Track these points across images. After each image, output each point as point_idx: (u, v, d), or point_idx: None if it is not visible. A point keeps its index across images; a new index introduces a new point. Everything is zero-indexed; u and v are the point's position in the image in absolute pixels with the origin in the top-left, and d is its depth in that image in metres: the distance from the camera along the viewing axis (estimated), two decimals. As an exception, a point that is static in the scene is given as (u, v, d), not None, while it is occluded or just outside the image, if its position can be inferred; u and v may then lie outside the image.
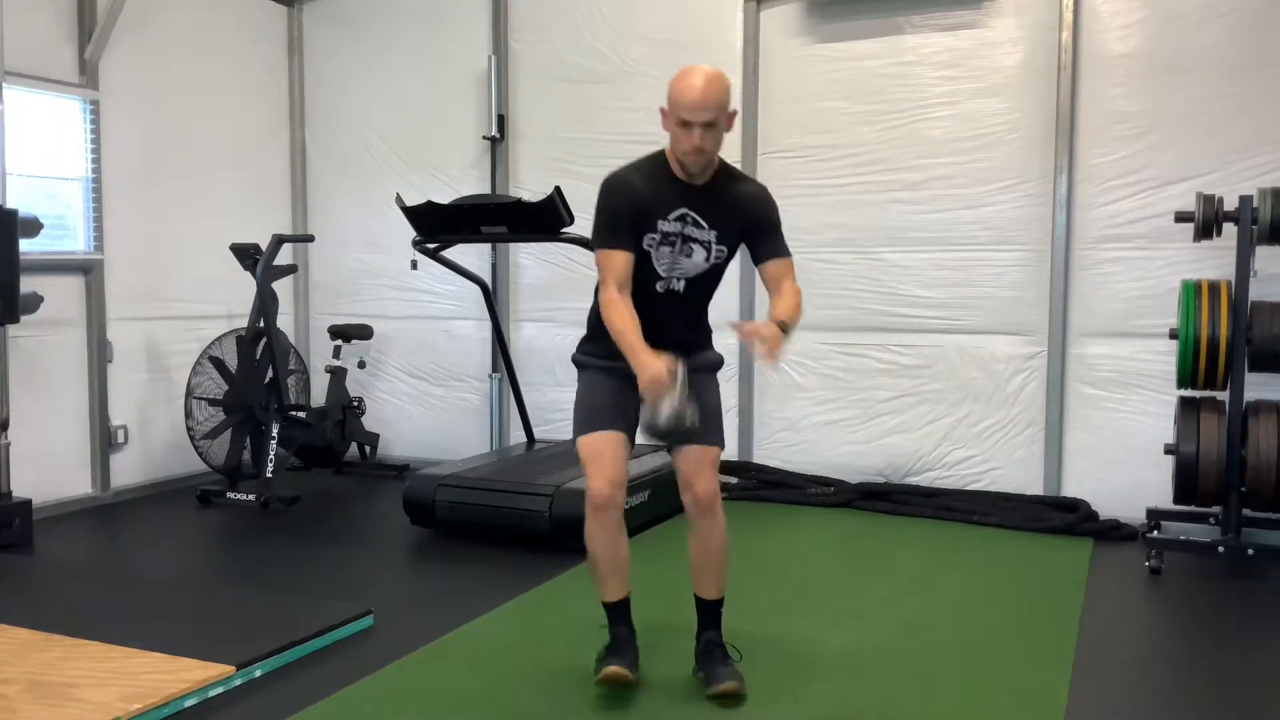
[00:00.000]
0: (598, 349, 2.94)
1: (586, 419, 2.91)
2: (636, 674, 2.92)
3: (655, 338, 2.77)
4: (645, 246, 2.83)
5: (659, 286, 2.88)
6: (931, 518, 4.98)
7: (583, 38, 5.80)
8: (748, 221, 2.90)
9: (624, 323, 2.73)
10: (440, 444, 6.20)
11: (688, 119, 2.72)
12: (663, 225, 2.83)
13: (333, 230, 6.43)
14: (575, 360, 3.04)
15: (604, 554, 2.91)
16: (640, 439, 2.89)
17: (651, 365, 2.61)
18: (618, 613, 2.99)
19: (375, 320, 6.31)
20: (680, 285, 2.90)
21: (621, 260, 2.79)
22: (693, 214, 2.84)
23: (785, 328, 2.72)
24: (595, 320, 2.95)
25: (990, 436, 5.14)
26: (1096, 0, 4.84)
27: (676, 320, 2.93)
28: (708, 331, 3.06)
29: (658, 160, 2.89)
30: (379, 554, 4.53)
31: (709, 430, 2.87)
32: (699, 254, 2.87)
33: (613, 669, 2.85)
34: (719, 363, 3.06)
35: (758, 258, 2.92)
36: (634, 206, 2.81)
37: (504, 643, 3.38)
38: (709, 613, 3.01)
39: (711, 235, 2.87)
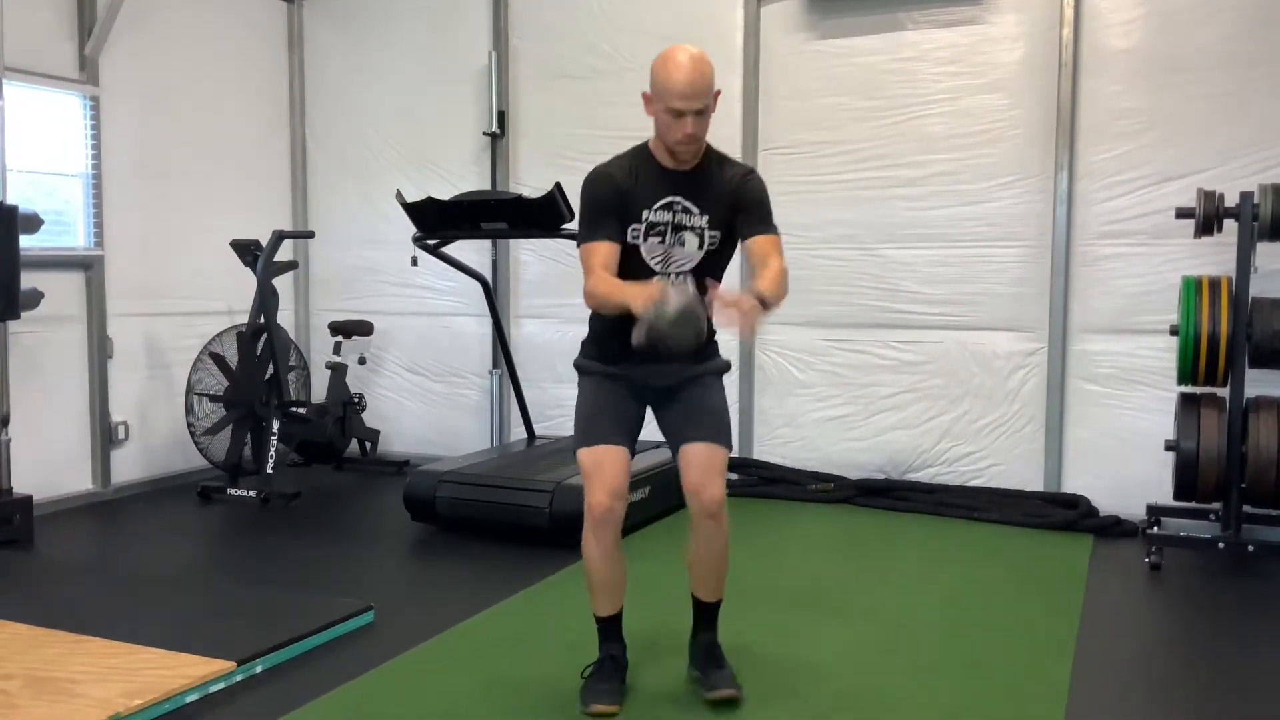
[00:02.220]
0: (600, 352, 2.87)
1: (587, 431, 2.83)
2: (622, 701, 2.85)
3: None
4: (631, 239, 2.74)
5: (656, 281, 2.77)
6: (932, 514, 4.98)
7: (583, 34, 5.80)
8: (735, 200, 2.78)
9: (609, 283, 2.63)
10: (440, 440, 6.20)
11: (680, 108, 2.63)
12: (648, 215, 2.74)
13: (333, 226, 6.43)
14: (577, 365, 2.95)
15: (599, 570, 2.85)
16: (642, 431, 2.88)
17: (645, 288, 2.50)
18: (608, 628, 2.94)
19: (376, 316, 6.31)
20: (681, 280, 2.77)
21: (605, 249, 2.70)
22: (682, 201, 2.75)
23: (765, 301, 2.51)
24: (596, 321, 2.89)
25: (991, 433, 5.14)
26: (1097, -4, 4.84)
27: None
28: (713, 333, 2.91)
29: (640, 151, 2.82)
30: (380, 550, 4.54)
31: (717, 432, 2.82)
32: (691, 241, 2.77)
33: (599, 707, 2.78)
34: (726, 367, 2.97)
35: (744, 234, 2.79)
36: (616, 197, 2.73)
37: (504, 638, 3.38)
38: (707, 614, 2.97)
39: (703, 221, 2.77)
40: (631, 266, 2.75)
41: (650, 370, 2.78)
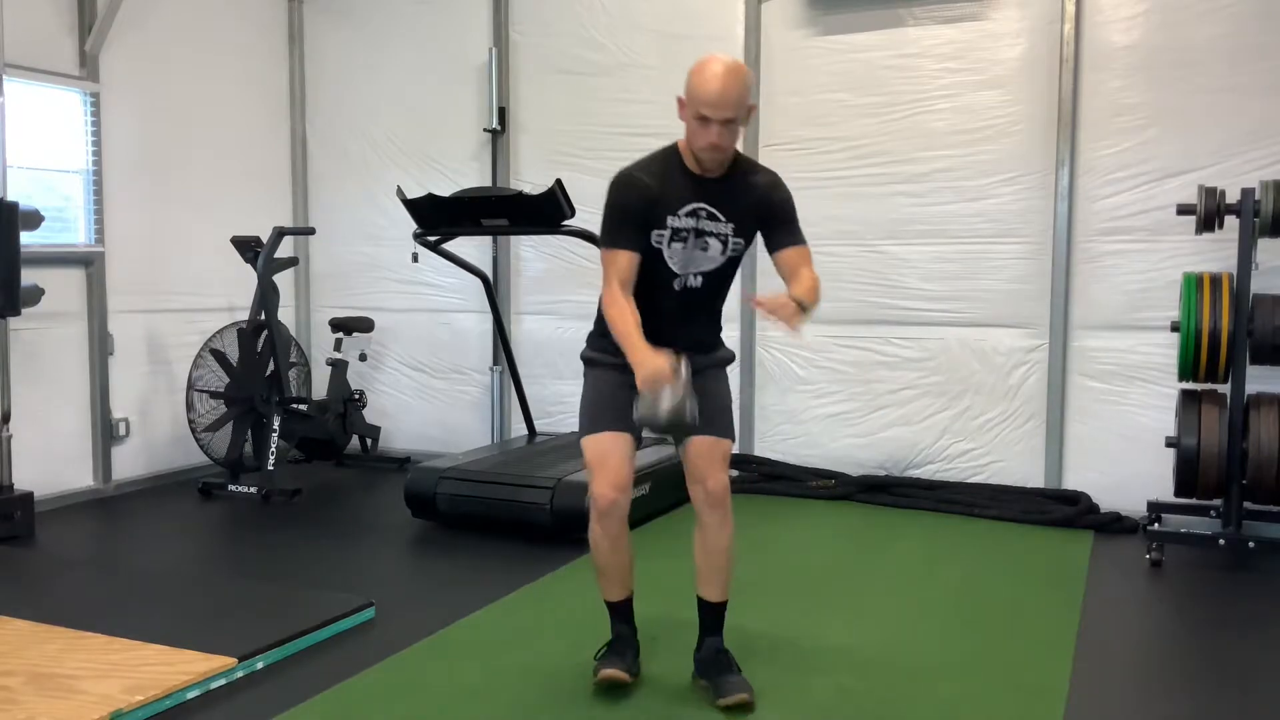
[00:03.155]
0: (608, 344, 2.86)
1: (593, 417, 2.87)
2: (635, 675, 2.93)
3: (672, 335, 2.75)
4: (655, 244, 2.77)
5: (675, 284, 2.82)
6: (932, 510, 4.99)
7: (583, 30, 5.79)
8: (764, 211, 2.83)
9: (624, 320, 2.67)
10: (441, 437, 6.21)
11: (707, 115, 2.64)
12: (673, 221, 2.76)
13: (333, 223, 6.43)
14: (584, 357, 2.98)
15: (607, 558, 2.89)
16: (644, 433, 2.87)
17: (651, 360, 2.56)
18: (619, 612, 2.99)
19: (376, 313, 6.32)
20: (698, 281, 2.83)
21: (625, 260, 2.73)
22: (707, 208, 2.78)
23: (802, 305, 2.65)
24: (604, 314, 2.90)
25: (991, 429, 5.14)
26: (1099, -8, 4.84)
27: (693, 317, 2.90)
28: (720, 328, 3.02)
29: (670, 154, 2.81)
30: (380, 547, 4.54)
31: (720, 424, 2.86)
32: (715, 247, 2.81)
33: (609, 672, 2.86)
34: (730, 359, 3.03)
35: (773, 246, 2.85)
36: (642, 204, 2.74)
37: (505, 635, 3.39)
38: (713, 616, 2.93)
39: (729, 228, 2.80)
40: (654, 268, 2.79)
41: None
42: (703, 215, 2.78)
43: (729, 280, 2.94)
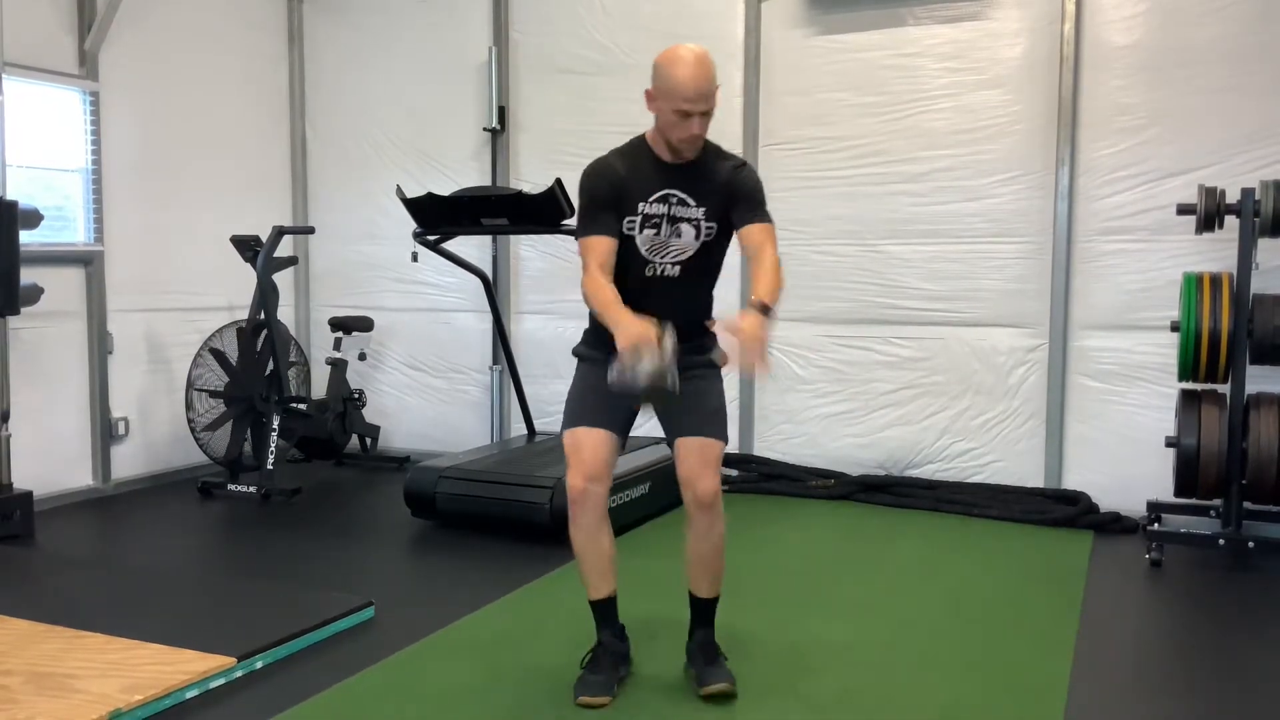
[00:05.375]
0: (598, 341, 2.88)
1: (575, 412, 2.91)
2: (614, 691, 2.87)
3: None
4: (627, 231, 2.80)
5: (647, 271, 2.84)
6: (932, 510, 4.99)
7: (584, 29, 5.79)
8: (730, 190, 2.83)
9: (603, 294, 2.70)
10: (441, 436, 6.21)
11: (688, 109, 2.69)
12: (644, 208, 2.80)
13: (333, 222, 6.42)
14: (575, 352, 3.01)
15: (584, 550, 2.88)
16: (629, 413, 2.87)
17: (632, 325, 2.55)
18: (602, 612, 2.95)
19: (376, 312, 6.31)
20: (675, 270, 2.85)
21: (602, 244, 2.77)
22: (677, 193, 2.81)
23: (767, 309, 2.60)
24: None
25: (991, 429, 5.14)
26: (1099, -8, 4.83)
27: (672, 308, 2.83)
28: (705, 320, 2.96)
29: (638, 144, 2.88)
30: (380, 546, 4.54)
31: (712, 427, 2.85)
32: (688, 233, 2.83)
33: (585, 699, 2.82)
34: (723, 360, 2.98)
35: (738, 223, 2.82)
36: (612, 190, 2.79)
37: (505, 634, 3.38)
38: (703, 611, 2.97)
39: (700, 212, 2.83)
40: (628, 256, 2.82)
41: None
42: (674, 201, 2.82)
43: (709, 273, 2.93)
